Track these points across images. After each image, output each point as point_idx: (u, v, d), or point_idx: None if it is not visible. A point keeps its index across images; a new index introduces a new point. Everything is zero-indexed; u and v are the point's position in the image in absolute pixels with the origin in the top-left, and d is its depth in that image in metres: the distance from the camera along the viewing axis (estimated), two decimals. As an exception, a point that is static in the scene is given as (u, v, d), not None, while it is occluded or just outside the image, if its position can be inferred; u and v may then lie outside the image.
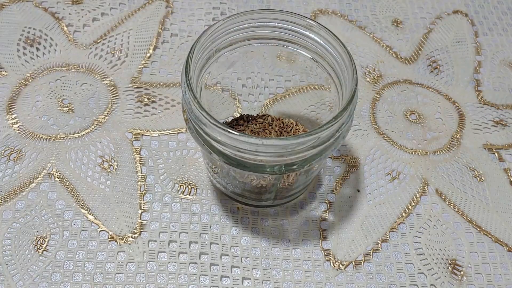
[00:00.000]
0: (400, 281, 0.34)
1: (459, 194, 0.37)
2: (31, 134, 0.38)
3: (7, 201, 0.36)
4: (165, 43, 0.44)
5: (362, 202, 0.37)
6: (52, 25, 0.44)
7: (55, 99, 0.40)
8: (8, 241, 0.34)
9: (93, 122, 0.39)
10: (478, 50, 0.46)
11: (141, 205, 0.36)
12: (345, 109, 0.27)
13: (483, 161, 0.39)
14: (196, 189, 0.37)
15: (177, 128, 0.39)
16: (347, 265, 0.34)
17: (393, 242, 0.35)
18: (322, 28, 0.30)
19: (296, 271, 0.34)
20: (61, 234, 0.35)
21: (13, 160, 0.37)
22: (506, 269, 0.35)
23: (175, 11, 0.46)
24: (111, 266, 0.34)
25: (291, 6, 0.47)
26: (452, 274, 0.34)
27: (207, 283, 0.33)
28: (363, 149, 0.39)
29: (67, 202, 0.36)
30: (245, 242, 0.35)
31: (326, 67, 0.32)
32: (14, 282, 0.33)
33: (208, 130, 0.27)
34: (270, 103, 0.40)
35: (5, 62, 0.42)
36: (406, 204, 0.37)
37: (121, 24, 0.45)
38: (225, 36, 0.31)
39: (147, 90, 0.41)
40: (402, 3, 0.48)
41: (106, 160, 0.38)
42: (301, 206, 0.37)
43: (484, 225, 0.36)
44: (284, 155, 0.27)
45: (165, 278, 0.33)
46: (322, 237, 0.35)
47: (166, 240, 0.35)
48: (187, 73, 0.28)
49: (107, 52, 0.43)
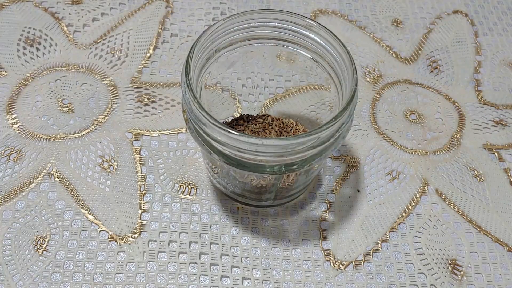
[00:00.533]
0: (400, 281, 0.34)
1: (459, 194, 0.37)
2: (31, 134, 0.38)
3: (7, 201, 0.36)
4: (165, 43, 0.44)
5: (362, 202, 0.37)
6: (52, 25, 0.44)
7: (55, 99, 0.40)
8: (8, 241, 0.34)
9: (93, 122, 0.39)
10: (478, 50, 0.46)
11: (141, 205, 0.36)
12: (345, 109, 0.27)
13: (483, 161, 0.39)
14: (196, 189, 0.37)
15: (177, 128, 0.39)
16: (347, 265, 0.34)
17: (393, 242, 0.35)
18: (322, 28, 0.30)
19: (296, 271, 0.34)
20: (61, 234, 0.35)
21: (13, 160, 0.37)
22: (506, 269, 0.35)
23: (175, 11, 0.46)
24: (111, 266, 0.34)
25: (291, 6, 0.47)
26: (452, 274, 0.34)
27: (207, 283, 0.33)
28: (363, 149, 0.39)
29: (67, 202, 0.36)
30: (245, 242, 0.35)
31: (326, 67, 0.32)
32: (14, 282, 0.33)
33: (208, 130, 0.27)
34: (270, 103, 0.40)
35: (5, 62, 0.42)
36: (406, 204, 0.37)
37: (121, 24, 0.45)
38: (225, 36, 0.31)
39: (147, 90, 0.41)
40: (402, 3, 0.48)
41: (106, 160, 0.38)
42: (301, 206, 0.37)
43: (484, 225, 0.36)
44: (284, 155, 0.27)
45: (165, 278, 0.33)
46: (322, 237, 0.35)
47: (166, 240, 0.35)
48: (187, 73, 0.28)
49: (107, 52, 0.43)
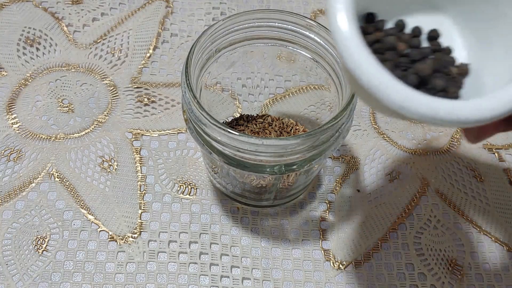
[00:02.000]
0: (400, 281, 0.34)
1: (459, 194, 0.37)
2: (31, 134, 0.38)
3: (7, 201, 0.36)
4: (165, 43, 0.44)
5: (362, 202, 0.37)
6: (52, 25, 0.44)
7: (55, 99, 0.40)
8: (8, 241, 0.34)
9: (93, 122, 0.39)
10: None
11: (141, 205, 0.36)
12: (345, 109, 0.27)
13: (483, 161, 0.39)
14: (196, 189, 0.37)
15: (177, 128, 0.39)
16: (347, 265, 0.34)
17: (393, 242, 0.35)
18: (322, 28, 0.30)
19: (296, 271, 0.34)
20: (61, 234, 0.35)
21: (13, 160, 0.37)
22: (506, 269, 0.35)
23: (175, 11, 0.46)
24: (111, 266, 0.34)
25: (291, 6, 0.47)
26: (452, 274, 0.34)
27: (207, 283, 0.33)
28: (363, 149, 0.39)
29: (67, 202, 0.36)
30: (245, 242, 0.35)
31: (326, 67, 0.32)
32: (14, 282, 0.33)
33: (208, 130, 0.27)
34: (270, 103, 0.40)
35: (5, 62, 0.42)
36: (406, 204, 0.37)
37: (121, 24, 0.45)
38: (225, 36, 0.31)
39: (147, 90, 0.41)
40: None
41: (106, 160, 0.38)
42: (301, 206, 0.37)
43: (484, 225, 0.36)
44: (284, 155, 0.27)
45: (165, 278, 0.33)
46: (322, 237, 0.35)
47: (166, 240, 0.35)
48: (187, 73, 0.28)
49: (107, 52, 0.43)
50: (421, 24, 0.23)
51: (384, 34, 0.22)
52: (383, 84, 0.18)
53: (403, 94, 0.18)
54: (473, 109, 0.18)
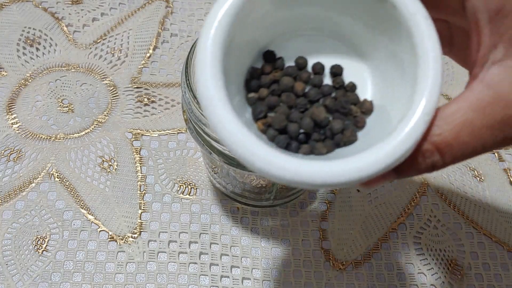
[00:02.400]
0: (400, 281, 0.34)
1: (459, 194, 0.37)
2: (31, 134, 0.38)
3: (7, 201, 0.36)
4: (165, 43, 0.44)
5: (362, 202, 0.37)
6: (52, 25, 0.44)
7: (55, 99, 0.40)
8: (8, 241, 0.34)
9: (93, 122, 0.39)
10: (478, 50, 0.46)
11: (141, 205, 0.36)
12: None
13: (483, 161, 0.39)
14: (196, 189, 0.37)
15: (177, 128, 0.39)
16: (347, 265, 0.34)
17: (393, 242, 0.35)
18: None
19: (296, 271, 0.34)
20: (61, 234, 0.35)
21: (13, 160, 0.37)
22: (506, 269, 0.35)
23: (175, 11, 0.46)
24: (111, 266, 0.34)
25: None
26: (452, 274, 0.34)
27: (207, 283, 0.33)
28: (363, 149, 0.39)
29: (67, 202, 0.36)
30: (245, 242, 0.35)
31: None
32: (14, 282, 0.33)
33: (208, 130, 0.27)
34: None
35: (5, 62, 0.42)
36: (406, 204, 0.37)
37: (121, 24, 0.45)
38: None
39: (147, 90, 0.41)
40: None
41: (106, 160, 0.38)
42: (301, 206, 0.37)
43: (484, 225, 0.36)
44: (284, 155, 0.27)
45: (165, 278, 0.33)
46: (322, 237, 0.35)
47: (166, 240, 0.35)
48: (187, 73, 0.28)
49: (107, 52, 0.43)
50: (331, 61, 0.21)
51: (282, 74, 0.21)
52: (248, 151, 0.17)
53: (267, 160, 0.17)
54: (339, 171, 0.17)
